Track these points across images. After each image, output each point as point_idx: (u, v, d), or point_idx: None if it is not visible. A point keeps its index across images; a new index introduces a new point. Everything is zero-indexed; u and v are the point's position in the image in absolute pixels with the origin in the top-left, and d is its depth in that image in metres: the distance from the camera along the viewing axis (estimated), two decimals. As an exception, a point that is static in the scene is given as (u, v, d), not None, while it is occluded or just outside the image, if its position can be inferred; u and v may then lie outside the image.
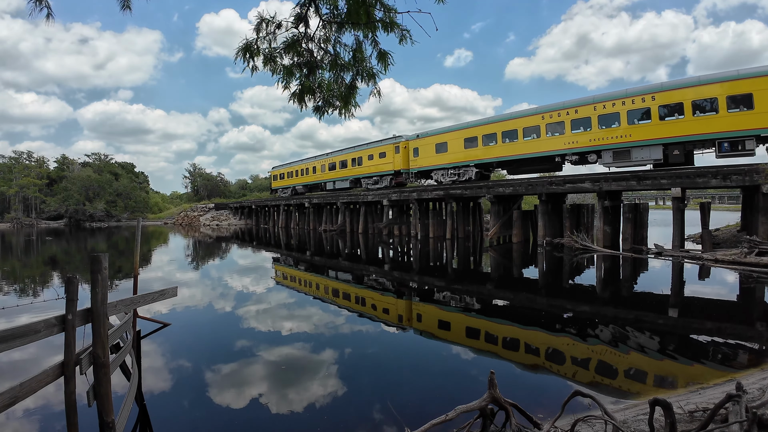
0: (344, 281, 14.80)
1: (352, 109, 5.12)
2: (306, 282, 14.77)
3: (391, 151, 32.00)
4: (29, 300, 11.24)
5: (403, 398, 5.37)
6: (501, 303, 11.25)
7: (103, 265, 3.78)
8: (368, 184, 34.88)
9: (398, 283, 13.89)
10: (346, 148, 38.72)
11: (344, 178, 38.10)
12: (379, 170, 33.36)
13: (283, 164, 51.87)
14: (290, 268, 18.24)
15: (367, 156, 34.71)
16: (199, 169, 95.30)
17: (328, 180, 40.80)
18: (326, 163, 40.92)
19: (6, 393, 3.08)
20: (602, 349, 7.31)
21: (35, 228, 57.78)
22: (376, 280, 14.58)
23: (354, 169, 36.48)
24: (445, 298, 11.80)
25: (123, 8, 4.31)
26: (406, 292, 12.63)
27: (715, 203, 66.58)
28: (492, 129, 25.29)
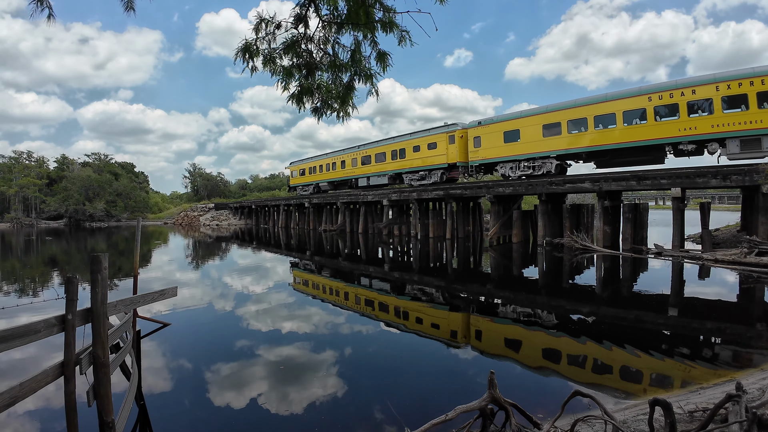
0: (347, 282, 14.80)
1: (349, 110, 5.11)
2: (317, 285, 14.76)
3: (443, 141, 27.73)
4: (29, 300, 11.24)
5: (403, 398, 5.37)
6: (501, 303, 11.25)
7: (103, 265, 3.79)
8: (412, 179, 30.72)
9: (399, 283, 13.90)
10: (385, 139, 34.32)
11: (381, 173, 33.52)
12: (428, 163, 29.06)
13: (304, 159, 47.00)
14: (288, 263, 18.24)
15: (411, 147, 30.29)
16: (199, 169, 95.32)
17: (360, 176, 36.02)
18: (358, 156, 36.18)
19: (6, 393, 3.08)
20: (602, 349, 7.31)
21: (35, 228, 57.78)
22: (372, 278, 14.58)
23: (394, 162, 32.01)
24: (446, 298, 11.80)
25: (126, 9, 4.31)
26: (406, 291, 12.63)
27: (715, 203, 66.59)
28: (581, 113, 21.11)
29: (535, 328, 8.61)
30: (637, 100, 19.30)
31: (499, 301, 11.45)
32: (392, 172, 32.59)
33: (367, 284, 13.98)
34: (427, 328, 8.95)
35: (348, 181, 38.47)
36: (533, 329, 8.50)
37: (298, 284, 14.35)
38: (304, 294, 12.59)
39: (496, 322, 9.23)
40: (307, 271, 17.13)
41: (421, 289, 12.88)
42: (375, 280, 14.50)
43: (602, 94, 21.15)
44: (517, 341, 7.94)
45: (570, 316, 9.54)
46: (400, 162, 31.56)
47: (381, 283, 14.13)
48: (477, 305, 10.97)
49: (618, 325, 8.85)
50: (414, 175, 30.68)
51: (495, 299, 11.59)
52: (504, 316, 9.74)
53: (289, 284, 14.30)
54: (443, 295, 12.19)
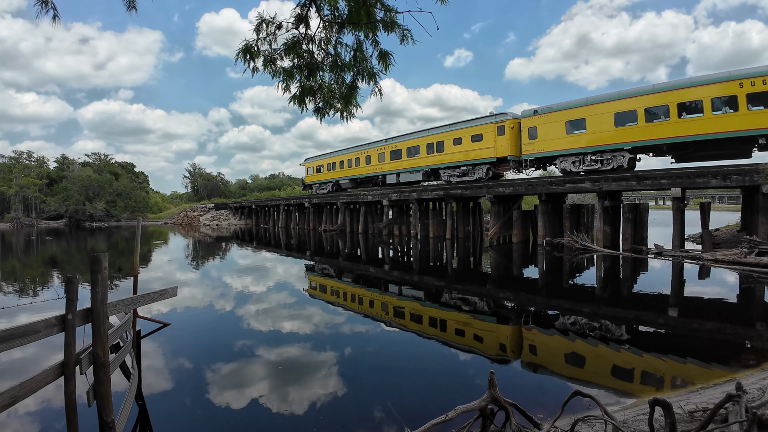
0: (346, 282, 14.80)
1: (352, 110, 5.11)
2: (317, 285, 14.75)
3: (491, 133, 24.85)
4: (29, 300, 11.24)
5: (402, 398, 5.37)
6: (501, 303, 11.24)
7: (103, 264, 3.79)
8: (452, 175, 27.64)
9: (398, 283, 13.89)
10: (419, 131, 30.67)
11: (415, 168, 30.37)
12: (472, 157, 26.12)
13: (322, 155, 42.83)
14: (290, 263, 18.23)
15: (452, 140, 27.22)
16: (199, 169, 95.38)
17: (389, 172, 32.79)
18: (387, 150, 32.87)
19: (6, 393, 3.08)
20: (602, 349, 7.31)
21: (35, 228, 57.78)
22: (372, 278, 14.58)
23: (430, 157, 28.97)
24: (445, 298, 11.80)
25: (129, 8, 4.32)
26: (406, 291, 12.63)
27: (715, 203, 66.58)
28: (661, 99, 18.65)
29: (536, 328, 8.60)
30: (726, 87, 17.06)
31: (499, 302, 11.44)
32: (428, 167, 29.30)
33: (367, 284, 13.98)
34: (426, 327, 8.95)
35: (373, 179, 35.16)
36: (533, 329, 8.50)
37: (299, 284, 14.34)
38: (304, 294, 12.58)
39: (496, 322, 9.23)
40: (309, 272, 17.13)
41: (421, 290, 12.88)
42: (375, 280, 14.51)
43: (686, 78, 19.41)
44: (518, 341, 7.94)
45: (570, 316, 9.54)
46: (438, 156, 28.30)
47: (380, 282, 14.13)
48: (477, 305, 10.96)
49: (618, 325, 8.85)
50: (454, 170, 27.48)
51: (495, 299, 11.58)
52: (504, 316, 9.74)
53: (289, 284, 14.30)
54: (443, 295, 12.19)
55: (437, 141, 28.48)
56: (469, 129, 26.42)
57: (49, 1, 4.08)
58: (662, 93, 18.68)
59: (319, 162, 42.58)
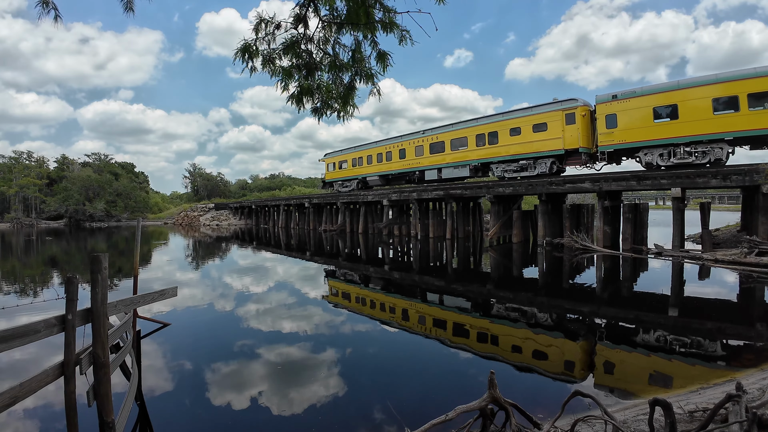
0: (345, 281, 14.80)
1: (350, 110, 5.11)
2: (317, 284, 14.74)
3: (558, 122, 21.90)
4: (29, 300, 11.24)
5: (403, 398, 5.37)
6: (500, 303, 11.24)
7: (103, 265, 3.79)
8: (507, 171, 24.59)
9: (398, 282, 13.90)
10: (467, 120, 27.29)
11: (461, 163, 27.05)
12: (533, 150, 23.08)
13: (345, 149, 39.30)
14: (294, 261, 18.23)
15: (507, 130, 24.18)
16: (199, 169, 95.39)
17: (428, 167, 29.45)
18: (425, 142, 29.45)
19: (6, 393, 3.08)
20: (602, 349, 7.31)
21: (35, 228, 57.78)
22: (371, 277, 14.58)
23: (480, 149, 25.76)
24: (445, 298, 11.80)
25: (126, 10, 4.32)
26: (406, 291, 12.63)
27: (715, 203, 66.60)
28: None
29: (536, 328, 8.60)
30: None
31: (499, 302, 11.44)
32: (477, 161, 26.05)
33: (366, 283, 13.98)
34: (424, 326, 8.95)
35: (408, 174, 31.71)
36: (533, 329, 8.50)
37: (298, 284, 14.34)
38: (304, 293, 12.57)
39: (495, 322, 9.23)
40: (308, 270, 17.13)
41: (420, 289, 12.88)
42: (374, 279, 14.50)
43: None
44: (518, 341, 7.93)
45: (570, 316, 9.54)
46: (489, 149, 25.19)
47: (380, 281, 14.13)
48: (477, 305, 10.96)
49: (618, 325, 8.85)
50: (510, 165, 24.41)
51: (495, 299, 11.58)
52: (504, 317, 9.74)
53: (289, 283, 14.30)
54: (442, 295, 12.19)
55: (489, 131, 25.12)
56: (530, 117, 23.18)
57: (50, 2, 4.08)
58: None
59: (341, 157, 38.72)
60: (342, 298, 12.01)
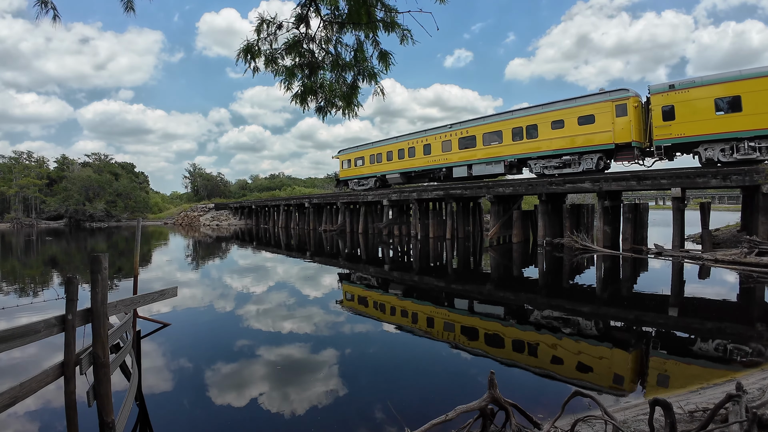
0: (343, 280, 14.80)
1: (355, 109, 5.12)
2: (318, 283, 14.74)
3: (607, 113, 20.09)
4: (29, 300, 11.24)
5: (403, 398, 5.37)
6: (500, 303, 11.24)
7: (103, 265, 3.79)
8: (548, 167, 22.63)
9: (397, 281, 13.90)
10: (502, 113, 25.34)
11: (494, 159, 25.04)
12: (579, 144, 21.22)
13: (361, 145, 36.58)
14: (290, 268, 18.22)
15: (549, 123, 22.28)
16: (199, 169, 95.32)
17: (457, 163, 27.18)
18: (454, 136, 27.20)
19: (6, 393, 3.08)
20: (602, 349, 7.31)
21: (35, 228, 57.77)
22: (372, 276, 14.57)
23: (517, 144, 23.81)
24: (445, 298, 11.80)
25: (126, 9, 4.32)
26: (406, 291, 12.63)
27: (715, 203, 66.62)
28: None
29: (535, 328, 8.60)
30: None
31: (500, 302, 11.44)
32: (513, 157, 24.13)
33: (366, 283, 13.97)
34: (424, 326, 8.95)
35: (433, 172, 29.51)
36: (533, 329, 8.50)
37: (298, 283, 14.34)
38: (303, 293, 12.57)
39: (495, 322, 9.23)
40: (307, 270, 17.13)
41: (420, 289, 12.88)
42: (374, 279, 14.50)
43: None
44: (518, 341, 7.93)
45: (570, 316, 9.53)
46: (528, 143, 23.27)
47: (380, 281, 14.13)
48: (476, 306, 10.96)
49: (618, 325, 8.85)
50: (551, 161, 22.47)
51: (495, 300, 11.58)
52: (504, 317, 9.74)
53: (289, 283, 14.29)
54: (442, 294, 12.19)
55: (528, 124, 23.22)
56: (576, 109, 21.35)
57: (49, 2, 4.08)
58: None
59: (357, 153, 36.21)
60: (341, 297, 12.01)
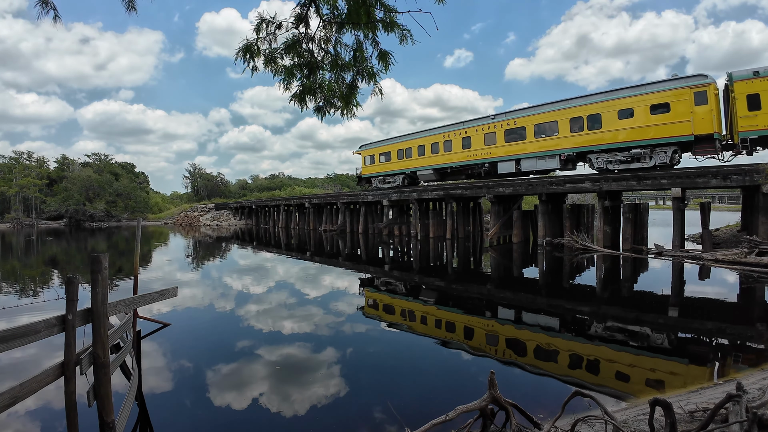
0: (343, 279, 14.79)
1: (353, 109, 5.12)
2: (318, 283, 14.73)
3: (685, 102, 17.89)
4: (29, 300, 11.24)
5: (403, 398, 5.37)
6: (501, 303, 11.24)
7: (104, 265, 3.78)
8: (612, 161, 20.24)
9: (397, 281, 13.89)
10: (557, 101, 22.58)
11: (548, 152, 22.55)
12: (651, 136, 18.90)
13: (387, 139, 33.93)
14: (290, 268, 18.21)
15: (615, 111, 19.91)
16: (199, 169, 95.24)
17: (503, 158, 24.69)
18: (499, 128, 24.65)
19: (6, 393, 3.08)
20: (602, 349, 7.31)
21: (35, 228, 57.77)
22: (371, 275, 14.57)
23: (576, 136, 21.31)
24: (445, 298, 11.79)
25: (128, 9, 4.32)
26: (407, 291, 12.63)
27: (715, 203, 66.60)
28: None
29: (536, 328, 8.60)
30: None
31: (498, 302, 11.44)
32: (571, 150, 21.57)
33: (367, 283, 13.97)
34: (425, 326, 8.95)
35: (474, 167, 26.79)
36: (533, 329, 8.50)
37: (298, 283, 14.34)
38: (303, 293, 12.57)
39: (496, 322, 9.23)
40: (307, 270, 17.13)
41: (420, 289, 12.87)
42: (374, 279, 14.50)
43: None
44: (518, 341, 7.93)
45: (570, 316, 9.53)
46: (589, 135, 20.80)
47: (380, 281, 14.13)
48: (478, 305, 10.96)
49: (618, 325, 8.85)
50: (616, 155, 20.11)
51: (495, 300, 11.58)
52: (504, 317, 9.74)
53: (289, 283, 14.29)
54: (442, 294, 12.18)
55: (588, 114, 20.78)
56: (646, 96, 19.01)
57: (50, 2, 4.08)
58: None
59: (383, 148, 33.27)
60: (340, 296, 12.00)
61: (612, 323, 8.96)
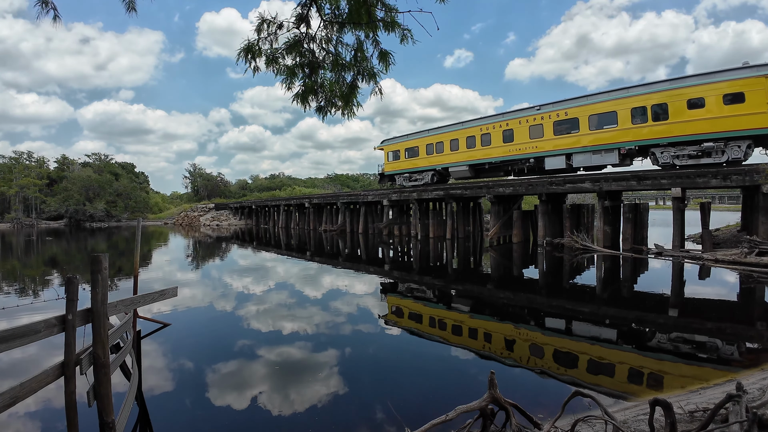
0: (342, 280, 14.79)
1: (354, 109, 5.12)
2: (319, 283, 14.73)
3: (759, 90, 16.34)
4: (29, 300, 11.24)
5: (403, 398, 5.37)
6: (501, 303, 11.24)
7: (104, 265, 3.78)
8: (679, 156, 18.26)
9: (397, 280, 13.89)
10: (614, 90, 20.52)
11: (605, 146, 20.48)
12: (723, 128, 17.09)
13: (414, 133, 31.31)
14: (290, 268, 18.21)
15: (684, 102, 17.87)
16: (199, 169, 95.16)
17: (551, 153, 22.60)
18: (546, 120, 22.61)
19: (6, 393, 3.08)
20: (602, 349, 7.31)
21: (35, 228, 57.76)
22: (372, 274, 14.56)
23: (638, 128, 19.25)
24: (445, 298, 11.79)
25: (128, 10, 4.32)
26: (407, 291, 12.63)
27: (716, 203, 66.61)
28: None
29: (536, 328, 8.60)
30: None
31: (498, 302, 11.44)
32: (631, 144, 19.64)
33: (367, 283, 13.97)
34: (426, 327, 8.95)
35: (516, 163, 24.76)
36: (533, 329, 8.50)
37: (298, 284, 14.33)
38: (303, 293, 12.57)
39: (496, 322, 9.23)
40: (307, 270, 17.13)
41: (419, 289, 12.87)
42: (374, 279, 14.50)
43: None
44: (518, 341, 7.93)
45: (570, 316, 9.53)
46: (654, 127, 18.83)
47: (380, 281, 14.13)
48: (476, 306, 10.96)
49: (618, 325, 8.85)
50: (684, 149, 18.10)
51: (495, 300, 11.58)
52: (504, 317, 9.74)
53: (289, 283, 14.29)
54: (441, 295, 12.18)
55: (653, 103, 18.73)
56: (718, 85, 17.14)
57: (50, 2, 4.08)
58: None
59: (410, 143, 30.79)
60: (340, 296, 12.00)
61: (612, 323, 8.96)
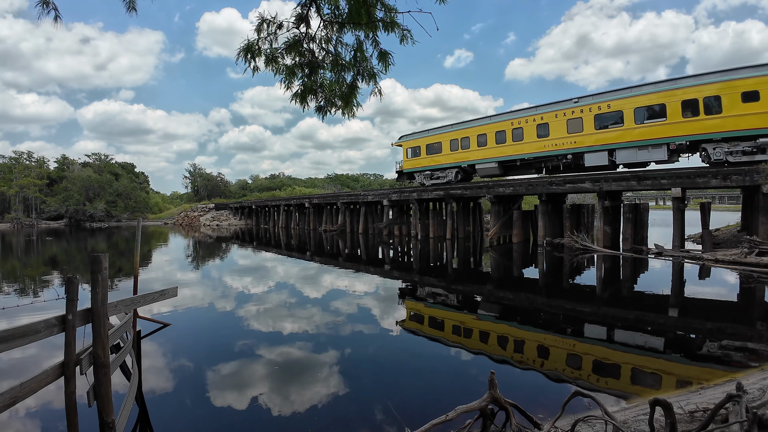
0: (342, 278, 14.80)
1: (354, 109, 5.12)
2: (319, 283, 14.73)
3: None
4: (29, 300, 11.24)
5: (403, 398, 5.37)
6: (501, 303, 11.24)
7: (104, 265, 3.79)
8: (733, 152, 17.01)
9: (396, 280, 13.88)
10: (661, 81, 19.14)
11: (653, 141, 19.09)
12: None
13: (435, 128, 29.27)
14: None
15: (738, 94, 16.57)
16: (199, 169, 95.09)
17: (591, 148, 21.05)
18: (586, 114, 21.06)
19: (6, 393, 3.08)
20: (602, 349, 7.31)
21: (35, 228, 57.76)
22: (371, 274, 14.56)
23: (688, 122, 17.85)
24: (445, 297, 11.79)
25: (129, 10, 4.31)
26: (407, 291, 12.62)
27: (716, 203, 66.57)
28: None
29: (535, 328, 8.60)
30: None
31: (498, 302, 11.44)
32: (682, 138, 18.21)
33: (367, 283, 13.97)
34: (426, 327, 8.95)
35: (551, 159, 23.11)
36: (533, 329, 8.50)
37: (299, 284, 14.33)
38: (303, 293, 12.57)
39: (496, 322, 9.23)
40: (307, 270, 17.13)
41: (418, 289, 12.87)
42: (374, 279, 14.50)
43: None
44: (517, 341, 7.93)
45: (570, 316, 9.53)
46: (705, 121, 17.42)
47: (379, 281, 14.13)
48: (477, 306, 10.96)
49: (618, 325, 8.85)
50: (738, 144, 16.85)
51: (495, 300, 11.58)
52: (504, 317, 9.74)
53: (289, 284, 14.29)
54: (442, 295, 12.18)
55: (706, 96, 17.36)
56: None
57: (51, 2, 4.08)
58: None
59: (431, 139, 28.75)
60: (340, 296, 12.00)
61: (612, 323, 8.96)
